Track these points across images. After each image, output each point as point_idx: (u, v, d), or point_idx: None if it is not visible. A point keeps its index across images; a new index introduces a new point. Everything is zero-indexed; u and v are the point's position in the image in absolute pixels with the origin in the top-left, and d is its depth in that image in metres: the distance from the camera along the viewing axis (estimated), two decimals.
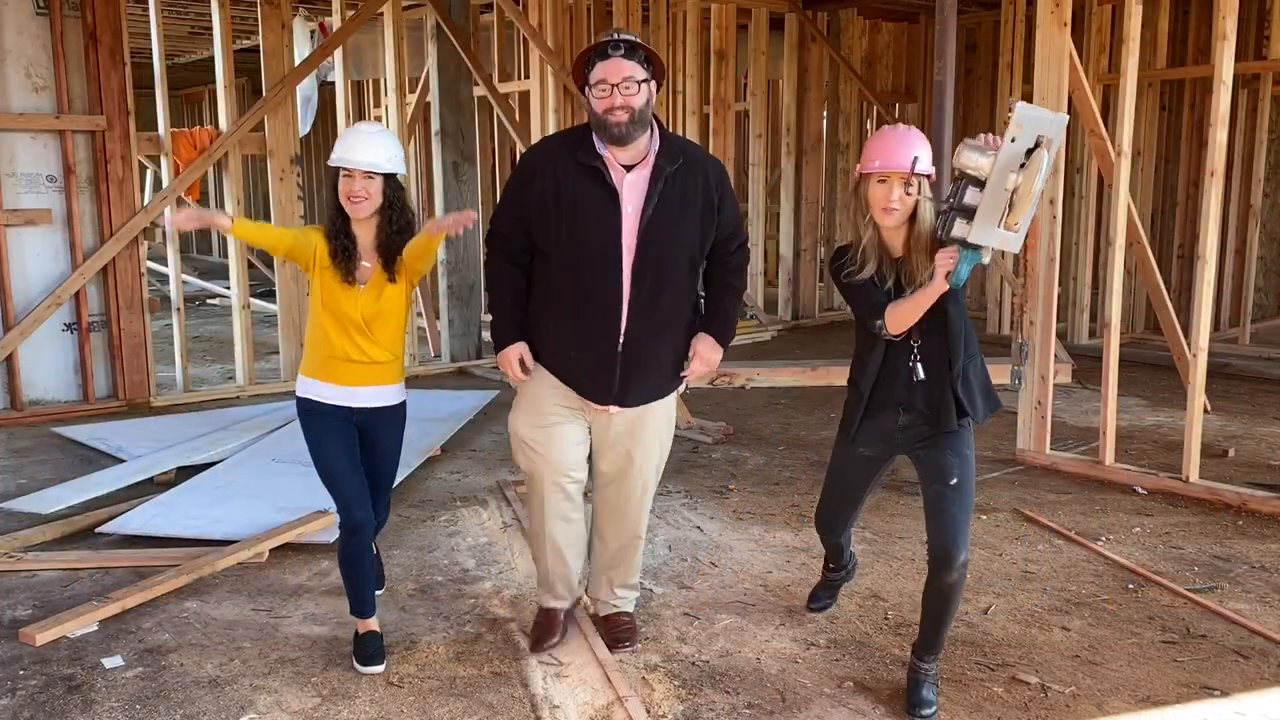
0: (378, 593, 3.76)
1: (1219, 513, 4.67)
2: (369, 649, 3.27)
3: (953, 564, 2.92)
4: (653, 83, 2.99)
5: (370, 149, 3.14)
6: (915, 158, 2.84)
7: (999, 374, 6.74)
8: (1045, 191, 5.17)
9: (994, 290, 9.37)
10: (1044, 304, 5.26)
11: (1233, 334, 8.63)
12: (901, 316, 2.90)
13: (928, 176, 2.90)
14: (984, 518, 4.62)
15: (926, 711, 2.98)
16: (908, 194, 2.86)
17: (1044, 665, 3.28)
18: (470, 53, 8.00)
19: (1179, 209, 8.80)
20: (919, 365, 2.96)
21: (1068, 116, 2.82)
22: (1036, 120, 2.61)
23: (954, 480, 2.96)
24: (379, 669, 3.24)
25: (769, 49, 9.73)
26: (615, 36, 2.99)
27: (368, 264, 3.22)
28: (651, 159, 3.01)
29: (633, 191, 3.00)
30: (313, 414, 3.29)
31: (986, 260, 2.77)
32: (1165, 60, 8.40)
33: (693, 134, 9.40)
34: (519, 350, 3.14)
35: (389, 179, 3.18)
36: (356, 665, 3.26)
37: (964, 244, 2.72)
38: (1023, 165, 2.60)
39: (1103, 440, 5.15)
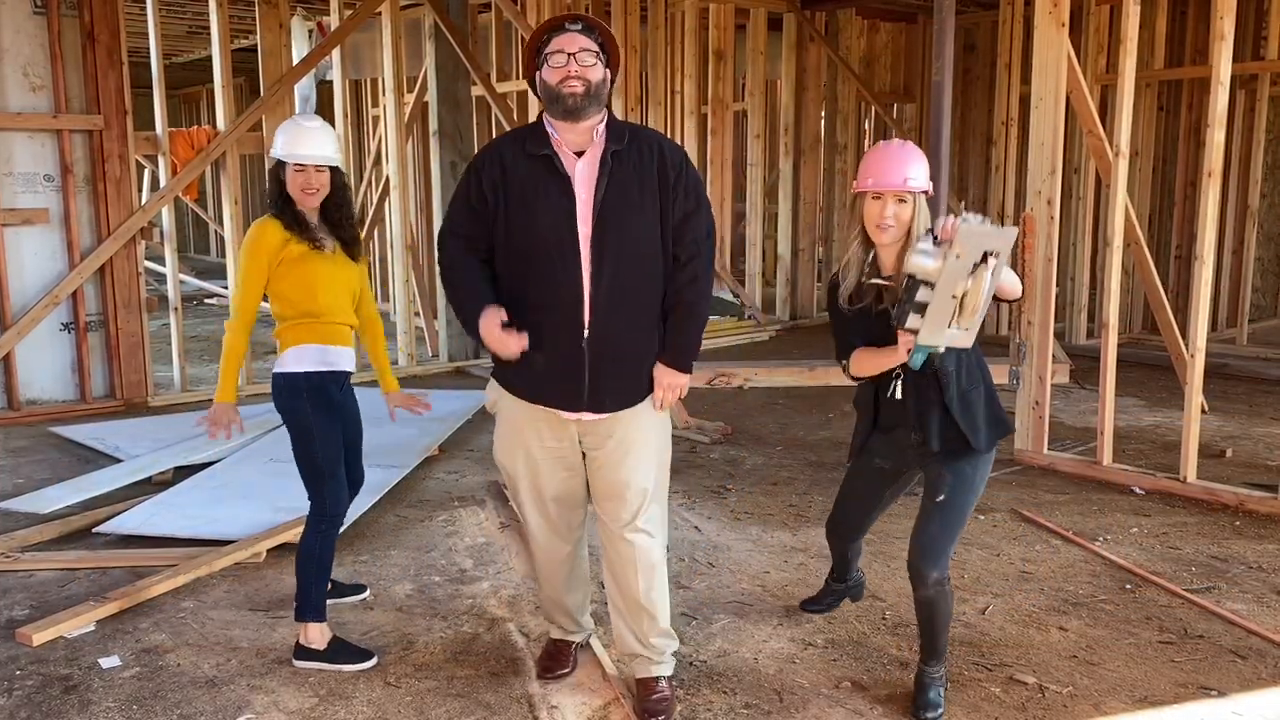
0: (362, 597, 3.77)
1: (1216, 513, 4.67)
2: (350, 648, 3.30)
3: (923, 581, 2.93)
4: (607, 67, 2.84)
5: (320, 143, 3.30)
6: (906, 176, 2.83)
7: (998, 374, 6.77)
8: (1042, 193, 5.18)
9: None
10: (1042, 304, 5.26)
11: (1230, 334, 8.64)
12: (863, 367, 2.98)
13: (924, 193, 2.88)
14: (981, 518, 4.62)
15: (932, 714, 2.97)
16: (902, 211, 2.84)
17: (1041, 665, 3.29)
18: (468, 52, 8.00)
19: (1177, 209, 8.80)
20: (897, 385, 2.97)
21: (1016, 230, 2.79)
22: (980, 238, 2.57)
23: (940, 497, 2.93)
24: (375, 660, 3.27)
25: (767, 49, 9.74)
26: (571, 14, 2.98)
27: (324, 236, 3.36)
28: (601, 141, 2.84)
29: (584, 176, 2.82)
30: (316, 390, 3.30)
31: (942, 350, 2.77)
32: (1163, 61, 8.41)
33: (691, 134, 9.42)
34: (495, 314, 2.80)
35: (334, 170, 3.35)
36: (353, 667, 3.24)
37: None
38: (972, 274, 2.59)
39: (1100, 440, 5.16)
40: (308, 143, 3.28)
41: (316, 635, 3.28)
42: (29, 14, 6.25)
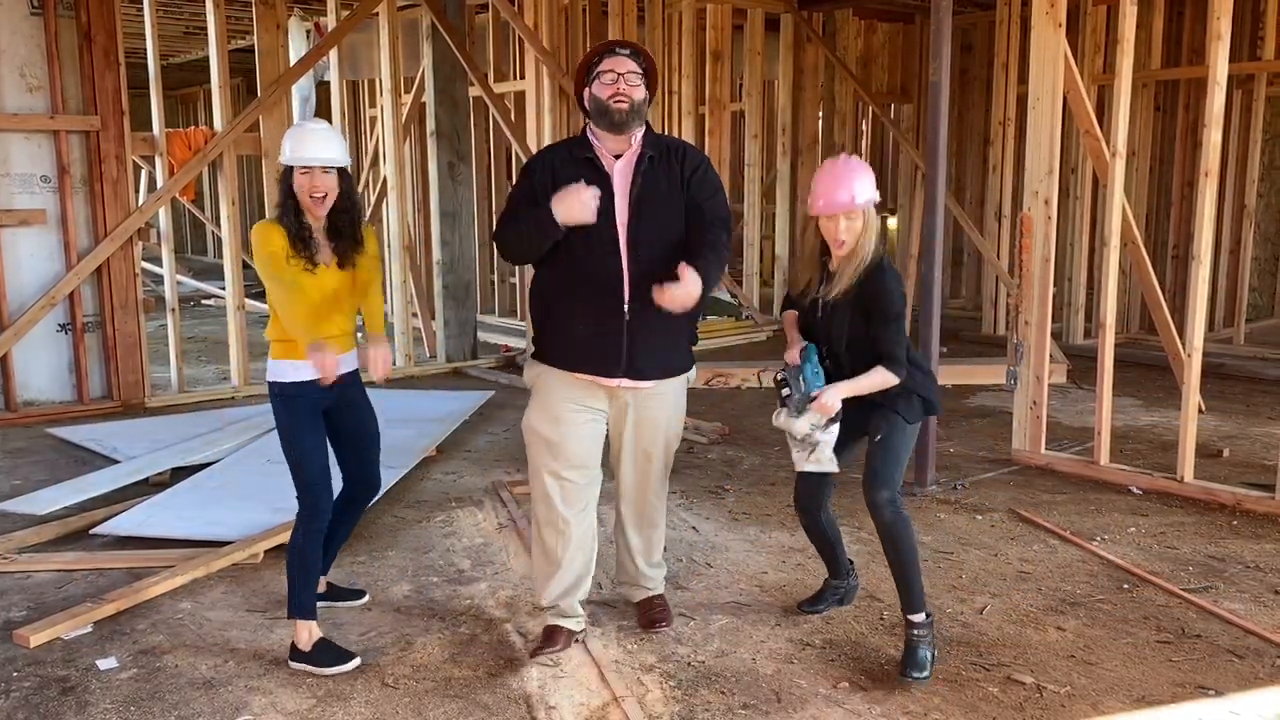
0: (360, 602, 3.77)
1: (1214, 513, 4.67)
2: (334, 650, 3.28)
3: (877, 502, 3.20)
4: (648, 90, 3.29)
5: (327, 145, 3.28)
6: (853, 195, 3.16)
7: (995, 374, 6.79)
8: (1041, 195, 5.18)
9: (989, 290, 9.39)
10: (1039, 304, 5.27)
11: (1227, 334, 8.64)
12: (786, 325, 3.49)
13: (874, 203, 3.22)
14: (979, 518, 4.63)
15: (917, 674, 3.12)
16: (854, 225, 3.19)
17: (1039, 665, 3.29)
18: (466, 53, 7.99)
19: (1174, 209, 8.81)
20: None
21: (829, 415, 3.28)
22: (797, 428, 3.30)
23: (879, 437, 3.28)
24: (358, 660, 3.26)
25: (764, 49, 9.74)
26: (622, 40, 3.38)
27: (323, 247, 3.34)
28: (636, 146, 3.28)
29: (622, 174, 3.26)
30: (292, 399, 3.30)
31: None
32: (1160, 61, 8.41)
33: (688, 134, 9.42)
34: (574, 189, 3.12)
35: (341, 172, 3.33)
36: (332, 670, 3.22)
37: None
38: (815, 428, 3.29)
39: (1098, 440, 5.16)
40: (312, 144, 3.27)
41: (303, 635, 3.27)
42: (25, 15, 6.24)
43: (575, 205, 3.11)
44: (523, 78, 8.80)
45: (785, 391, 3.28)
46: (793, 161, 10.05)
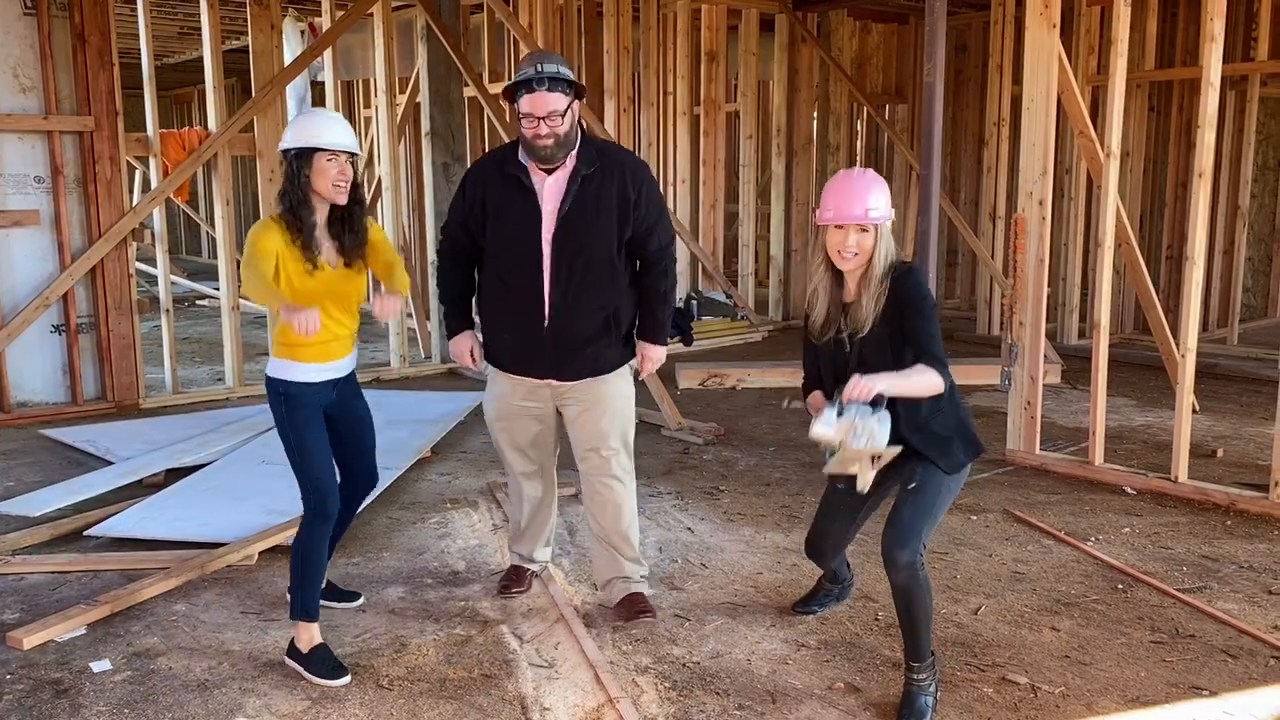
0: (356, 604, 3.76)
1: (1208, 513, 4.68)
2: (329, 661, 3.22)
3: (895, 564, 2.91)
4: (577, 103, 3.29)
5: (344, 131, 3.23)
6: (867, 208, 2.90)
7: (990, 375, 6.79)
8: (1034, 194, 5.18)
9: (984, 291, 9.40)
10: (1033, 305, 5.28)
11: (1221, 334, 8.66)
12: (813, 411, 3.01)
13: (888, 220, 2.94)
14: (973, 518, 4.63)
15: None
16: (864, 240, 2.92)
17: (1034, 665, 3.29)
18: (460, 53, 7.98)
19: (1167, 210, 8.82)
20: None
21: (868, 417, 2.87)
22: (838, 433, 2.83)
23: (912, 485, 2.98)
24: (348, 678, 3.19)
25: (759, 50, 9.74)
26: (538, 69, 3.21)
27: (325, 244, 3.26)
28: (570, 163, 3.33)
29: (551, 193, 3.35)
30: (293, 398, 3.25)
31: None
32: (1153, 62, 8.43)
33: (683, 135, 9.43)
34: (468, 340, 3.61)
35: (352, 158, 3.27)
36: (322, 681, 3.17)
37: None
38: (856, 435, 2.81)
39: (1092, 441, 5.17)
40: (333, 130, 3.17)
41: (304, 636, 3.25)
42: (19, 15, 6.23)
43: (458, 358, 3.61)
44: None
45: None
46: (787, 162, 10.05)
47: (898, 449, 2.87)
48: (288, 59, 7.77)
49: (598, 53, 8.95)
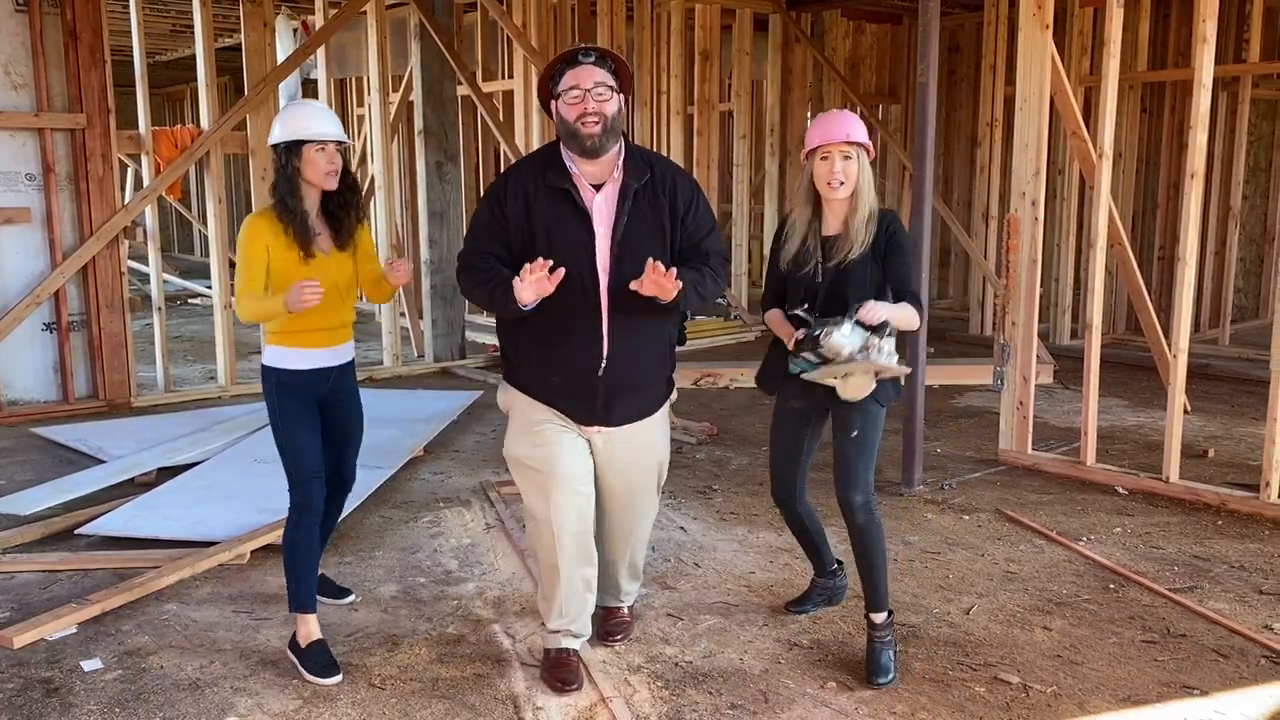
0: (348, 601, 3.75)
1: (1199, 513, 4.70)
2: (324, 659, 3.20)
3: (851, 506, 3.18)
4: (621, 95, 2.97)
5: (331, 121, 3.24)
6: (848, 132, 3.10)
7: (982, 375, 6.80)
8: (1027, 194, 5.19)
9: (976, 291, 9.41)
10: (1026, 305, 5.29)
11: (1213, 335, 8.69)
12: (772, 326, 3.30)
13: (865, 148, 3.14)
14: (966, 518, 4.64)
15: (882, 679, 3.12)
16: (849, 168, 3.11)
17: (1026, 665, 3.30)
18: (454, 52, 7.98)
19: (1159, 211, 8.85)
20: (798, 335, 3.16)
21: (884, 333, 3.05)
22: (851, 346, 2.99)
23: (854, 433, 3.19)
24: (339, 678, 3.17)
25: (753, 50, 9.75)
26: (583, 45, 2.99)
27: (319, 231, 3.26)
28: (619, 176, 2.98)
29: (602, 212, 2.97)
30: (287, 387, 3.25)
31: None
32: (1146, 63, 8.45)
33: (677, 134, 9.42)
34: (534, 267, 2.80)
35: (341, 147, 3.28)
36: (312, 678, 3.16)
37: (803, 353, 3.09)
38: (861, 354, 3.00)
39: (1084, 441, 5.18)
40: (324, 120, 3.21)
41: (303, 630, 3.24)
42: (10, 12, 6.20)
43: (533, 284, 2.81)
44: (511, 77, 8.80)
45: (804, 333, 3.05)
46: (781, 162, 10.06)
47: (907, 369, 3.16)
48: (280, 57, 7.75)
49: None
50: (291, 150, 3.19)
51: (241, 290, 3.20)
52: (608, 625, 3.44)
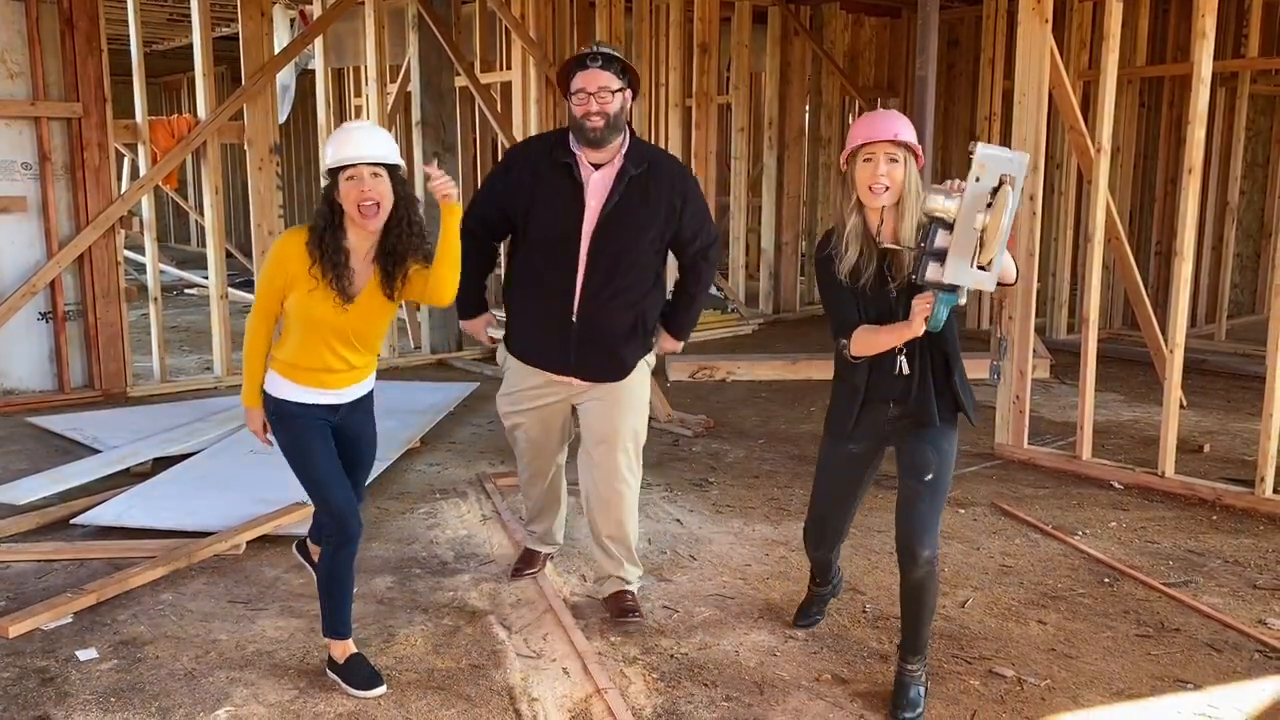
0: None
1: (1194, 507, 4.71)
2: (365, 671, 3.08)
3: (916, 560, 2.90)
4: (628, 91, 3.30)
5: (373, 141, 2.84)
6: (896, 130, 2.81)
7: (978, 369, 6.81)
8: (1025, 190, 5.19)
9: None
10: (1023, 299, 5.29)
11: (1209, 330, 8.69)
12: (867, 346, 2.88)
13: (914, 151, 2.83)
14: (962, 511, 4.65)
15: (910, 715, 2.94)
16: (894, 170, 2.80)
17: (1020, 658, 3.31)
18: (452, 42, 7.95)
19: (1157, 206, 8.85)
20: (903, 359, 2.90)
21: (1028, 155, 2.81)
22: (998, 160, 2.61)
23: (928, 476, 2.93)
24: (384, 688, 3.05)
25: (752, 42, 9.72)
26: (594, 49, 3.31)
27: (361, 275, 2.92)
28: (619, 161, 3.32)
29: (597, 189, 3.32)
30: (289, 417, 3.03)
31: (963, 301, 2.70)
32: (1145, 58, 8.44)
33: (675, 127, 9.40)
34: (484, 320, 3.65)
35: (394, 174, 2.88)
36: (358, 692, 3.04)
37: (939, 286, 2.68)
38: (989, 205, 2.58)
39: (1080, 435, 5.19)
40: (354, 141, 2.81)
41: (337, 650, 3.12)
42: (6, 0, 6.17)
43: (473, 332, 3.67)
44: (509, 68, 8.76)
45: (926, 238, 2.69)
46: (779, 155, 10.04)
47: (1001, 250, 2.62)
48: (278, 47, 7.72)
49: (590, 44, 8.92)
50: (334, 176, 2.84)
51: (252, 311, 3.00)
52: (618, 606, 3.56)
